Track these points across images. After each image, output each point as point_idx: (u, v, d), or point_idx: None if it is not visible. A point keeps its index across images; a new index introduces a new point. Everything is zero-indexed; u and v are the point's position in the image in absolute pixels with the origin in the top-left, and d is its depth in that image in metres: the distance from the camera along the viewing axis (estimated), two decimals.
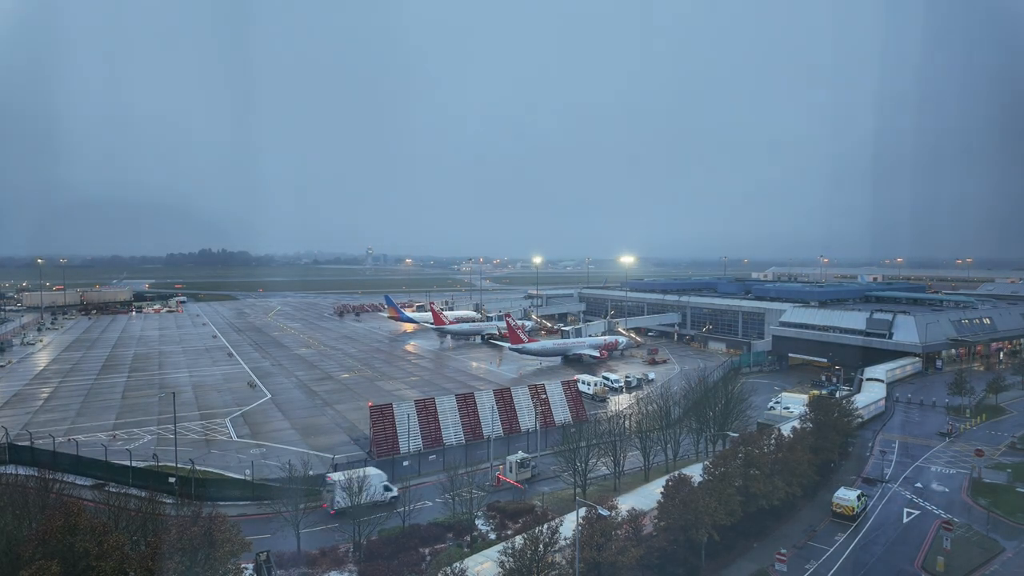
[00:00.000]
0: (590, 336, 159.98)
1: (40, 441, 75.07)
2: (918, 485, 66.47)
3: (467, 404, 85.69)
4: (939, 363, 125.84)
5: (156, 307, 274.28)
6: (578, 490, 61.43)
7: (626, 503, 50.89)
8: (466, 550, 50.23)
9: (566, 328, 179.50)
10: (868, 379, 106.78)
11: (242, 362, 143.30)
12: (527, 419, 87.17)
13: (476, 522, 56.66)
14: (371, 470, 61.49)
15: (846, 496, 58.93)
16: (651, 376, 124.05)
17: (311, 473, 64.70)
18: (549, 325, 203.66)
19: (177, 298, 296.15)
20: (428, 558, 50.55)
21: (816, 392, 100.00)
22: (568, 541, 43.50)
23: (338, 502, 57.08)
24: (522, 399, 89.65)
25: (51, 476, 50.51)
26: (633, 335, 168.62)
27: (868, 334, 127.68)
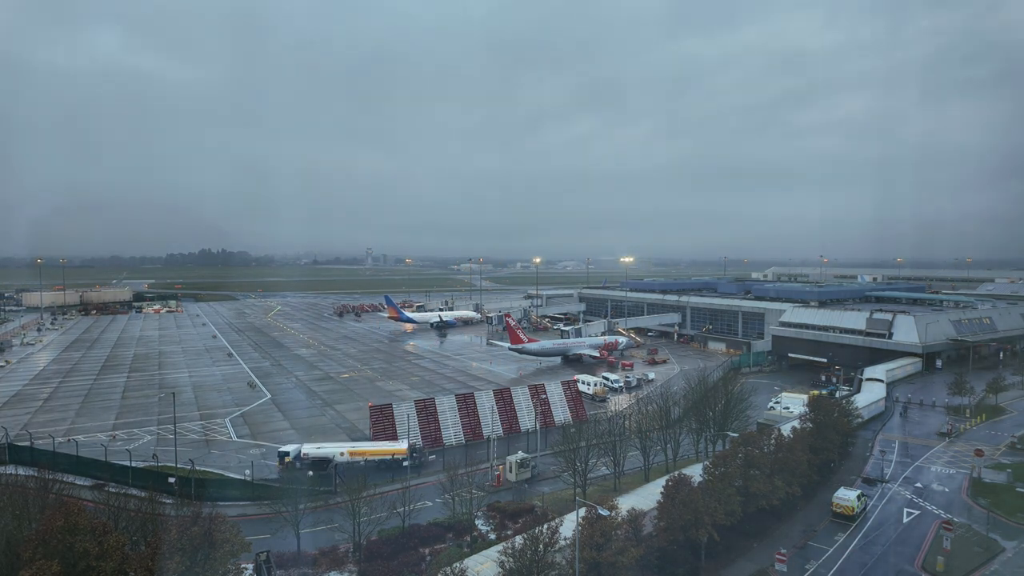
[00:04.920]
0: (590, 336, 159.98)
1: (40, 441, 75.14)
2: (918, 485, 66.48)
3: (467, 404, 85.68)
4: (939, 363, 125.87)
5: (156, 307, 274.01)
6: (578, 490, 61.38)
7: (626, 503, 50.87)
8: (466, 550, 50.19)
9: (566, 328, 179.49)
10: (868, 379, 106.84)
11: (242, 362, 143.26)
12: (527, 419, 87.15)
13: (476, 522, 56.66)
14: None
15: (846, 496, 58.92)
16: (651, 376, 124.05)
17: (311, 473, 64.79)
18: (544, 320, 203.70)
19: (169, 302, 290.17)
20: (428, 558, 50.51)
21: (816, 392, 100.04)
22: (568, 541, 43.47)
23: None
24: (522, 399, 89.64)
25: (51, 476, 50.44)
26: (633, 335, 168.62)
27: (868, 334, 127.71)
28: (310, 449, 71.47)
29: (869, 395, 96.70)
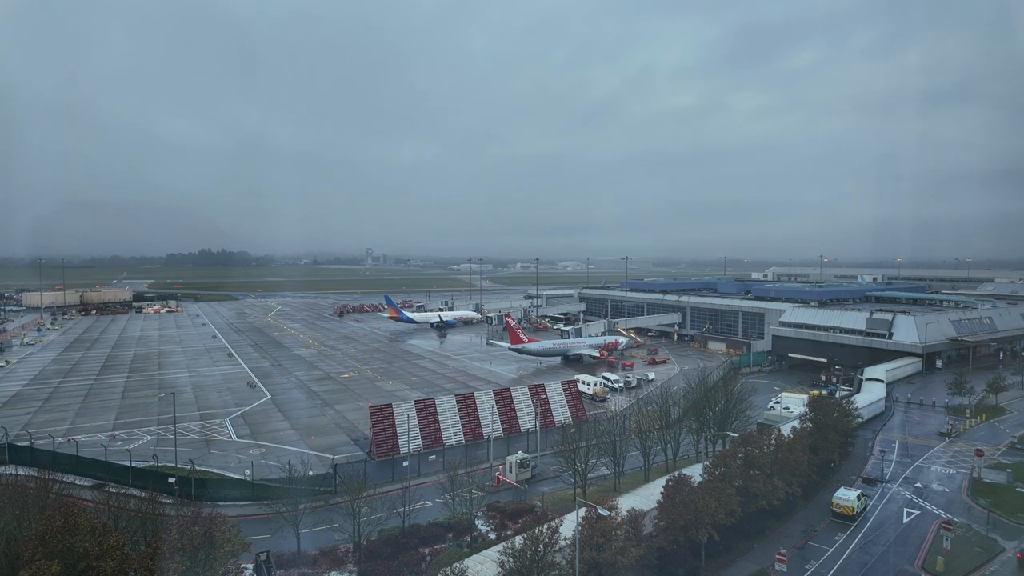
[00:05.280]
0: (590, 336, 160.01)
1: (40, 441, 75.08)
2: (918, 485, 66.51)
3: (467, 404, 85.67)
4: (939, 363, 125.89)
5: (156, 307, 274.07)
6: (578, 490, 61.41)
7: (626, 503, 50.89)
8: (466, 550, 50.19)
9: (566, 328, 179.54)
10: (868, 379, 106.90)
11: (242, 362, 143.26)
12: (527, 419, 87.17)
13: (476, 522, 56.68)
14: None
15: (846, 496, 58.94)
16: (651, 376, 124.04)
17: (311, 473, 64.79)
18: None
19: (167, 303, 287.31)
20: (428, 558, 50.51)
21: (816, 392, 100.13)
22: (568, 541, 43.49)
23: None
24: (522, 399, 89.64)
25: (51, 476, 50.34)
26: (633, 335, 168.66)
27: (868, 334, 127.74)
28: None
29: (869, 395, 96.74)
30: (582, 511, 43.85)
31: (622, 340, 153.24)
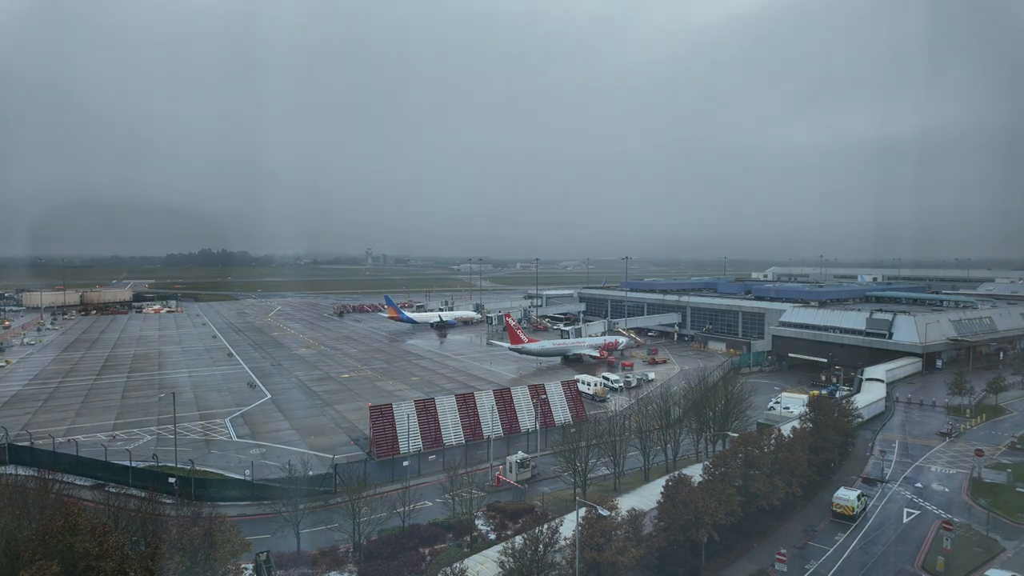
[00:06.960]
0: (590, 336, 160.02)
1: (40, 441, 75.09)
2: (918, 485, 66.52)
3: (467, 404, 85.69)
4: (939, 363, 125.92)
5: (156, 307, 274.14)
6: (578, 490, 61.40)
7: (626, 503, 50.88)
8: (466, 550, 50.21)
9: (566, 328, 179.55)
10: (868, 379, 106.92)
11: (242, 362, 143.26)
12: (527, 419, 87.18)
13: (476, 522, 56.68)
14: None
15: (846, 496, 58.96)
16: (651, 376, 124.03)
17: (311, 473, 64.77)
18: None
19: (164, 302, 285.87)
20: (428, 558, 50.52)
21: (816, 392, 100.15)
22: (568, 541, 43.49)
23: None
24: (522, 399, 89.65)
25: (51, 476, 50.38)
26: (633, 335, 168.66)
27: (868, 334, 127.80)
28: None
29: (869, 395, 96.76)
30: (582, 511, 43.85)
31: (622, 340, 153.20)
